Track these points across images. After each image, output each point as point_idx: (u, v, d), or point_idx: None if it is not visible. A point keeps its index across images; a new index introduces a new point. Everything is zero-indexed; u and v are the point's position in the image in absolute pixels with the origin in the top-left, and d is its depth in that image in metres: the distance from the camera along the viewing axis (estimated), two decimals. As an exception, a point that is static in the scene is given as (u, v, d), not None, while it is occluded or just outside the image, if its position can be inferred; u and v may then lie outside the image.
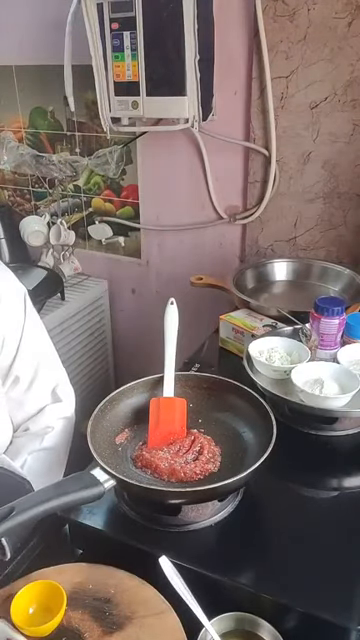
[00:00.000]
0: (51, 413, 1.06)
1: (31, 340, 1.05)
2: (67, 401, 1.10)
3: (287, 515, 0.88)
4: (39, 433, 1.04)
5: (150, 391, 1.00)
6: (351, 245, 1.59)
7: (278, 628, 0.72)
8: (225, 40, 1.52)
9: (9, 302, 1.02)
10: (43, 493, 0.74)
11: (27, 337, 1.04)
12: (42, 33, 1.76)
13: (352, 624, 0.70)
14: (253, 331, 1.28)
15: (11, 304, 1.03)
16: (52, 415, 1.06)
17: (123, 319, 2.14)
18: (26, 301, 1.06)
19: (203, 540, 0.82)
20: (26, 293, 1.07)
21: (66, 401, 1.09)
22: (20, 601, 0.73)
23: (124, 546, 0.82)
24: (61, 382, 1.10)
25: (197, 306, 1.83)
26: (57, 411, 1.07)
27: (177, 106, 1.46)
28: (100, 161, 1.79)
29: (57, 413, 1.07)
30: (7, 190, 2.12)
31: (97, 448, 0.84)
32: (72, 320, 1.91)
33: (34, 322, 1.08)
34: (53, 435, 1.04)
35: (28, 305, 1.07)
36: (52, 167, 1.85)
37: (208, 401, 1.00)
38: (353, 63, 1.40)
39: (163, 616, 0.73)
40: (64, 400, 1.09)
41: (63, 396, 1.09)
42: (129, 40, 1.42)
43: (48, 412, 1.06)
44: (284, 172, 1.60)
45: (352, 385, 0.99)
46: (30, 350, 1.05)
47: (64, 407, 1.08)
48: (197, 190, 1.76)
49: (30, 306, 1.07)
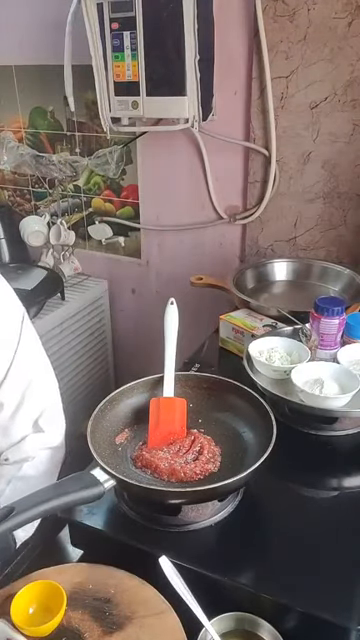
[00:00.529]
0: (32, 443, 0.99)
1: (21, 366, 0.98)
2: (51, 431, 1.02)
3: (287, 515, 0.88)
4: (17, 462, 0.98)
5: (150, 391, 1.00)
6: (351, 245, 1.59)
7: (278, 628, 0.72)
8: (225, 40, 1.52)
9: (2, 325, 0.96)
10: (43, 493, 0.74)
11: (18, 363, 0.98)
12: (42, 33, 1.76)
13: (352, 624, 0.70)
14: (253, 331, 1.28)
15: (4, 327, 0.96)
16: (33, 445, 0.99)
17: (123, 319, 2.14)
18: (23, 322, 1.00)
19: (203, 540, 0.82)
20: (25, 313, 1.01)
21: (50, 431, 1.02)
22: (20, 601, 0.73)
23: (124, 546, 0.82)
24: (47, 411, 1.03)
25: (197, 306, 1.83)
26: (38, 441, 1.00)
27: (177, 106, 1.46)
28: (100, 161, 1.79)
29: (39, 443, 1.00)
30: (7, 190, 2.12)
31: (97, 448, 0.84)
32: (72, 320, 1.91)
33: (28, 346, 1.01)
34: (33, 465, 0.98)
35: (25, 327, 1.00)
36: (52, 167, 1.85)
37: (208, 401, 1.00)
38: (353, 63, 1.40)
39: (163, 616, 0.73)
40: (46, 431, 1.01)
41: (46, 426, 1.01)
42: (129, 40, 1.42)
43: (29, 442, 0.99)
44: (284, 172, 1.60)
45: (352, 385, 0.99)
46: (19, 376, 0.98)
47: (47, 437, 1.01)
48: (197, 190, 1.76)
49: (27, 328, 1.01)
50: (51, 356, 1.85)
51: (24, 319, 1.00)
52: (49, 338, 1.80)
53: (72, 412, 2.05)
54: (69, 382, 1.95)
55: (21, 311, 1.00)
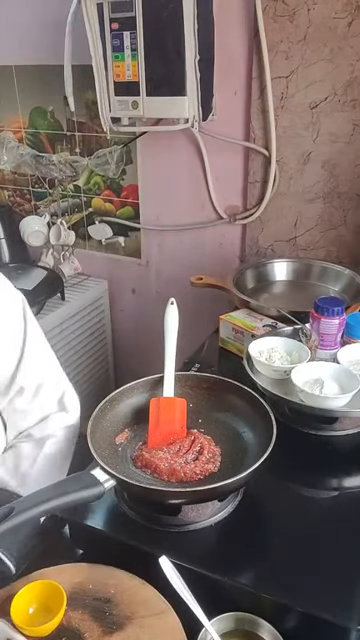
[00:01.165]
0: (55, 422, 1.02)
1: (34, 349, 1.01)
2: (73, 411, 1.06)
3: (287, 515, 0.88)
4: (41, 440, 1.00)
5: (150, 391, 1.00)
6: (351, 245, 1.59)
7: (278, 628, 0.72)
8: (225, 40, 1.52)
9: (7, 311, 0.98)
10: (43, 493, 0.74)
11: (30, 346, 1.00)
12: (42, 33, 1.76)
13: (352, 624, 0.70)
14: (253, 331, 1.28)
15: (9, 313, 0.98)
16: (56, 424, 1.02)
17: (123, 319, 2.14)
18: (25, 309, 1.02)
19: (203, 540, 0.82)
20: (24, 300, 1.03)
21: (72, 411, 1.05)
22: (20, 601, 0.73)
23: (124, 546, 0.82)
24: (67, 391, 1.07)
25: (197, 306, 1.83)
26: (61, 420, 1.03)
27: (177, 106, 1.46)
28: (100, 161, 1.79)
29: (61, 422, 1.03)
30: (7, 190, 2.12)
31: (97, 448, 0.84)
32: (72, 320, 1.91)
33: (35, 330, 1.04)
34: (55, 442, 1.01)
35: (28, 313, 1.02)
36: (52, 167, 1.85)
37: (208, 401, 0.99)
38: (353, 63, 1.40)
39: (163, 616, 0.73)
40: (70, 410, 1.05)
41: (69, 406, 1.05)
42: (129, 40, 1.42)
43: (52, 420, 1.02)
44: (284, 172, 1.60)
45: (352, 385, 0.99)
46: (34, 359, 1.01)
47: (69, 417, 1.04)
48: (197, 190, 1.76)
49: (30, 314, 1.03)
50: (51, 356, 1.85)
51: (25, 305, 1.02)
52: (49, 338, 1.77)
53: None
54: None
55: (20, 297, 1.02)
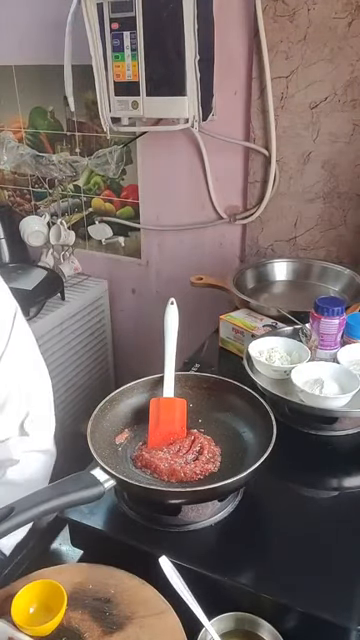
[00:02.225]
0: (15, 446, 0.96)
1: (8, 366, 0.96)
2: (38, 435, 0.99)
3: (287, 515, 0.88)
4: (1, 465, 0.95)
5: (150, 391, 1.00)
6: (351, 245, 1.59)
7: (278, 628, 0.72)
8: (225, 40, 1.52)
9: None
10: (43, 493, 0.74)
11: (4, 363, 0.95)
12: (42, 33, 1.76)
13: (352, 624, 0.70)
14: (253, 331, 1.28)
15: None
16: (16, 448, 0.96)
17: (123, 319, 2.14)
18: (15, 320, 0.97)
19: (203, 540, 0.82)
20: (17, 310, 0.98)
21: (36, 435, 0.99)
22: (21, 601, 0.73)
23: (124, 546, 0.82)
24: (33, 414, 0.99)
25: (197, 306, 1.83)
26: (22, 445, 0.97)
27: (177, 106, 1.46)
28: (100, 161, 1.79)
29: (23, 446, 0.97)
30: (7, 190, 2.12)
31: (97, 448, 0.84)
32: (72, 320, 1.91)
33: (18, 345, 0.98)
34: (18, 468, 0.95)
35: (17, 325, 0.97)
36: (52, 167, 1.85)
37: (208, 401, 1.00)
38: (353, 63, 1.40)
39: (163, 616, 0.73)
40: (32, 434, 0.98)
41: (32, 430, 0.98)
42: (129, 40, 1.42)
43: (11, 444, 0.96)
44: (284, 172, 1.60)
45: (352, 385, 0.99)
46: (4, 377, 0.95)
47: (32, 441, 0.98)
48: (197, 190, 1.76)
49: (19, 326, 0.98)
50: (51, 356, 1.87)
51: (16, 316, 0.98)
52: (49, 338, 1.81)
53: (72, 412, 2.06)
54: (69, 382, 1.95)
55: (13, 308, 0.98)
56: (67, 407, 1.95)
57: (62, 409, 1.91)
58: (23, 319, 1.01)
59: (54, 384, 1.59)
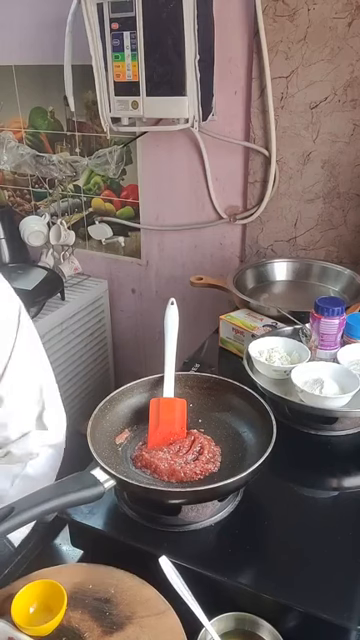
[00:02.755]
0: (35, 440, 0.98)
1: (21, 360, 0.97)
2: (54, 429, 1.01)
3: (287, 515, 0.88)
4: (22, 459, 0.97)
5: (150, 391, 1.00)
6: (351, 245, 1.59)
7: (278, 628, 0.72)
8: (225, 40, 1.52)
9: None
10: (43, 493, 0.73)
11: (17, 357, 0.96)
12: (42, 33, 1.76)
13: (352, 624, 0.70)
14: (253, 331, 1.28)
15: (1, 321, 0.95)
16: (36, 442, 0.98)
17: (123, 319, 2.14)
18: (20, 316, 0.98)
19: (203, 540, 0.82)
20: (21, 307, 1.00)
21: (52, 429, 1.01)
22: (20, 601, 0.73)
23: (124, 546, 0.82)
24: (49, 408, 1.01)
25: (197, 306, 1.83)
26: (41, 438, 0.99)
27: (177, 106, 1.46)
28: (100, 161, 1.79)
29: (42, 440, 0.99)
30: (7, 190, 2.12)
31: (97, 448, 0.84)
32: (72, 320, 1.91)
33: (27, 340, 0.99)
34: (37, 462, 0.97)
35: (23, 321, 0.98)
36: (52, 167, 1.85)
37: (208, 401, 0.99)
38: (353, 63, 1.41)
39: (163, 616, 0.73)
40: (50, 428, 1.00)
41: (49, 423, 1.00)
42: (129, 40, 1.42)
43: (32, 438, 0.98)
44: (284, 172, 1.60)
45: (352, 385, 0.99)
46: (18, 371, 0.97)
47: (50, 435, 1.00)
48: (197, 190, 1.76)
49: (25, 322, 0.99)
50: (51, 356, 1.85)
51: (21, 313, 0.99)
52: (49, 338, 1.81)
53: (72, 412, 2.05)
54: (69, 382, 1.95)
55: (18, 304, 0.99)
56: (67, 407, 1.93)
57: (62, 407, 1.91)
58: (28, 317, 1.02)
59: (54, 384, 1.58)
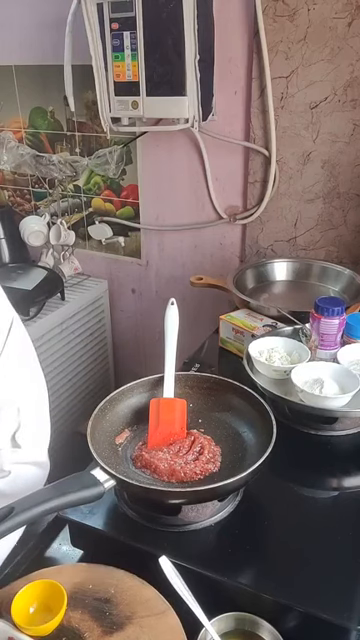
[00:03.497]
0: (6, 457, 0.94)
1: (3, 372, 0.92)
2: (30, 448, 0.96)
3: (287, 515, 0.88)
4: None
5: (150, 391, 1.00)
6: (351, 245, 1.59)
7: (278, 628, 0.72)
8: (225, 40, 1.52)
9: None
10: (43, 493, 0.74)
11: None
12: (42, 33, 1.76)
13: (352, 624, 0.70)
14: (253, 331, 1.28)
15: None
16: (7, 459, 0.94)
17: (123, 319, 2.14)
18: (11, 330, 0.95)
19: (203, 540, 0.82)
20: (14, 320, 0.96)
21: (28, 447, 0.96)
22: (20, 601, 0.73)
23: (124, 546, 0.82)
24: (26, 426, 0.96)
25: (197, 306, 1.83)
26: (13, 456, 0.94)
27: (177, 106, 1.46)
28: (100, 161, 1.79)
29: (13, 458, 0.94)
30: (7, 190, 2.12)
31: (97, 448, 0.84)
32: (72, 320, 1.91)
33: (12, 356, 0.95)
34: (9, 481, 0.93)
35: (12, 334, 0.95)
36: (52, 167, 1.85)
37: (208, 401, 0.99)
38: (353, 63, 1.40)
39: (163, 616, 0.73)
40: (24, 447, 0.95)
41: (24, 442, 0.95)
42: (129, 40, 1.42)
43: (2, 456, 0.94)
44: (284, 172, 1.60)
45: (352, 385, 0.99)
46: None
47: (24, 453, 0.96)
48: (197, 190, 1.76)
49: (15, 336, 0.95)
50: (51, 356, 1.87)
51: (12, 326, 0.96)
52: (49, 338, 1.81)
53: (72, 412, 2.06)
54: (69, 382, 1.95)
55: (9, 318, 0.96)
56: (67, 407, 1.95)
57: (62, 409, 1.92)
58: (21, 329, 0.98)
59: (54, 384, 1.59)
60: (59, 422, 1.89)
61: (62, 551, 0.90)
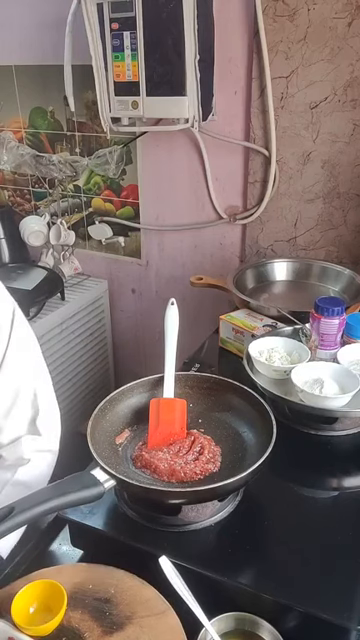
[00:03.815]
0: (27, 445, 0.96)
1: (14, 363, 0.95)
2: (47, 435, 0.99)
3: (287, 515, 0.88)
4: (13, 464, 0.95)
5: (150, 391, 1.00)
6: (351, 245, 1.59)
7: (278, 628, 0.72)
8: (225, 40, 1.52)
9: None
10: (43, 493, 0.74)
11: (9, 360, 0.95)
12: (42, 33, 1.76)
13: (352, 624, 0.70)
14: (253, 331, 1.28)
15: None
16: (28, 447, 0.96)
17: (123, 319, 2.14)
18: (14, 318, 0.96)
19: (203, 540, 0.82)
20: (16, 308, 0.98)
21: (46, 435, 0.98)
22: (20, 601, 0.73)
23: (124, 546, 0.82)
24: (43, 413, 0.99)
25: (197, 306, 1.83)
26: (34, 444, 0.97)
27: (177, 106, 1.46)
28: (100, 161, 1.79)
29: (34, 446, 0.96)
30: (7, 190, 2.12)
31: (97, 448, 0.84)
32: (72, 320, 1.91)
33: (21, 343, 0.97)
34: (28, 469, 0.94)
35: (17, 322, 0.97)
36: (52, 167, 1.85)
37: (208, 401, 0.99)
38: (353, 63, 1.40)
39: (163, 616, 0.73)
40: (43, 434, 0.98)
41: (43, 429, 0.98)
42: (129, 40, 1.42)
43: (24, 443, 0.96)
44: (284, 172, 1.60)
45: (352, 385, 0.99)
46: (11, 375, 0.95)
47: (43, 441, 0.98)
48: (197, 190, 1.76)
49: (19, 324, 0.97)
50: (51, 356, 1.87)
51: (15, 316, 0.97)
52: (49, 338, 1.81)
53: (72, 412, 2.06)
54: (69, 382, 1.95)
55: (11, 306, 0.97)
56: (67, 407, 1.95)
57: (62, 409, 1.89)
58: (23, 318, 1.00)
59: (54, 384, 1.58)
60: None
61: (62, 551, 0.90)
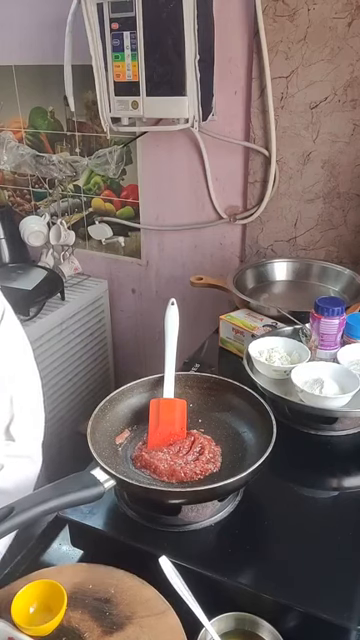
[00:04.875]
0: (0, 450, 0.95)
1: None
2: (23, 440, 0.97)
3: (287, 515, 0.88)
4: None
5: (150, 391, 1.00)
6: (351, 245, 1.59)
7: (278, 628, 0.72)
8: (225, 40, 1.52)
9: None
10: (43, 493, 0.74)
11: None
12: (42, 33, 1.76)
13: (352, 624, 0.70)
14: (253, 331, 1.28)
15: None
16: (1, 452, 0.94)
17: (123, 319, 2.14)
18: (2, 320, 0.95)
19: (203, 540, 0.82)
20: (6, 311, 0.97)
21: (21, 440, 0.97)
22: (20, 601, 0.73)
23: (124, 546, 0.82)
24: (20, 418, 0.97)
25: (197, 306, 1.83)
26: (6, 449, 0.95)
27: (177, 106, 1.46)
28: (100, 161, 1.79)
29: (6, 451, 0.95)
30: (7, 190, 2.12)
31: (97, 448, 0.84)
32: (72, 320, 1.91)
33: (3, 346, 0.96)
34: (6, 474, 0.93)
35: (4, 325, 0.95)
36: (52, 167, 1.85)
37: (208, 401, 0.99)
38: (353, 63, 1.40)
39: (163, 616, 0.73)
40: (18, 439, 0.96)
41: (18, 435, 0.96)
42: (129, 40, 1.42)
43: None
44: (284, 172, 1.60)
45: (352, 385, 0.99)
46: None
47: (16, 446, 0.96)
48: (197, 190, 1.76)
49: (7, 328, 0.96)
50: (51, 356, 1.87)
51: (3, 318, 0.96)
52: (49, 338, 1.81)
53: (72, 412, 2.06)
54: (69, 382, 1.95)
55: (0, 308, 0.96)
56: (67, 407, 1.95)
57: (62, 409, 1.91)
58: (14, 321, 0.99)
59: (54, 384, 1.59)
60: (59, 422, 1.89)
61: (62, 551, 0.90)
